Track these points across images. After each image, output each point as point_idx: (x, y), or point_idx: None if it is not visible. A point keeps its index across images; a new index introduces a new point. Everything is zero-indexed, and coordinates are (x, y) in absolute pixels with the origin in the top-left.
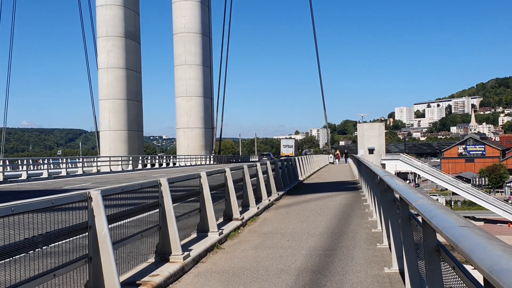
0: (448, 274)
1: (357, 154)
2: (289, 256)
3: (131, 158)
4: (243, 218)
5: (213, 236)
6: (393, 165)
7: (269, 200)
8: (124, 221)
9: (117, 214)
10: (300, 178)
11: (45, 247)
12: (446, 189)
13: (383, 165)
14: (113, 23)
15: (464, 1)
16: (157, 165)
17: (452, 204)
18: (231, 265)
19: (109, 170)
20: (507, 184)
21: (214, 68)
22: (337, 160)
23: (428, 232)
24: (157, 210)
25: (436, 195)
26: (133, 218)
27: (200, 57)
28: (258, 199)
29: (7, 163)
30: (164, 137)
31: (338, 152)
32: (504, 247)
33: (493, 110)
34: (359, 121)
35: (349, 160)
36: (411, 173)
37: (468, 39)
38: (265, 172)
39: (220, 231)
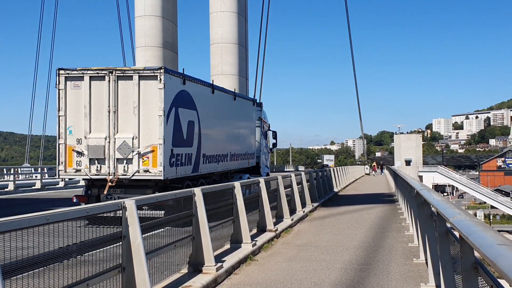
0: None
1: (393, 165)
2: (323, 270)
3: None
4: (276, 229)
5: (246, 248)
6: (430, 177)
7: (304, 211)
8: (157, 231)
9: (151, 224)
10: (335, 190)
11: (79, 256)
12: (485, 203)
13: (420, 177)
14: (152, 33)
15: (502, 12)
16: None
17: (491, 218)
18: (264, 278)
19: None
20: None
21: (250, 78)
22: (373, 171)
23: (465, 249)
24: (191, 220)
25: (468, 209)
26: (166, 228)
27: (237, 67)
28: (292, 211)
29: (45, 171)
30: None
31: (374, 163)
32: None
33: None
34: (396, 132)
35: (385, 171)
36: (449, 185)
37: (509, 49)
38: (299, 183)
39: (254, 242)
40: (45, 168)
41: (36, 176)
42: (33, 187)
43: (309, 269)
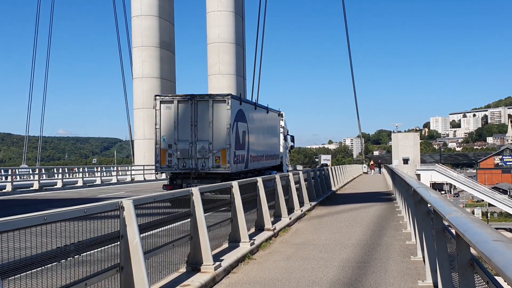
0: None
1: (391, 164)
2: (321, 268)
3: None
4: (275, 228)
5: (244, 247)
6: (428, 176)
7: (302, 210)
8: (155, 230)
9: (149, 223)
10: (333, 188)
11: (77, 256)
12: (483, 200)
13: (418, 176)
14: (148, 33)
15: (498, 10)
16: None
17: (489, 215)
18: (263, 276)
19: (143, 179)
20: None
21: (248, 78)
22: (371, 170)
23: (461, 246)
24: (189, 219)
25: (466, 207)
26: (164, 228)
27: (234, 66)
28: (291, 210)
29: (43, 172)
30: None
31: (372, 162)
32: None
33: None
34: (393, 131)
35: (383, 170)
36: (447, 183)
37: (505, 48)
38: (297, 182)
39: (252, 241)
40: (43, 169)
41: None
42: (30, 188)
43: (307, 267)
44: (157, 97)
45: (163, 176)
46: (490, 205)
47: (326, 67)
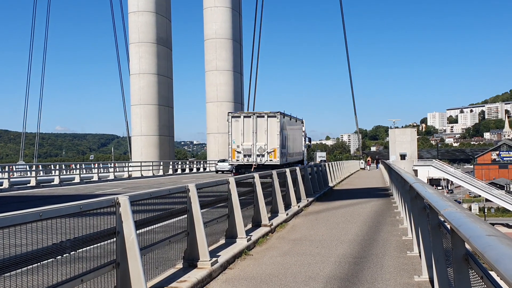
0: (477, 284)
1: (388, 160)
2: (318, 264)
3: (161, 163)
4: (271, 224)
5: (241, 242)
6: (425, 171)
7: (299, 206)
8: (152, 226)
9: (145, 219)
10: (330, 184)
11: (73, 252)
12: (480, 196)
13: (415, 171)
14: (145, 29)
15: (495, 6)
16: (187, 170)
17: (486, 211)
18: (259, 272)
19: (140, 175)
20: None
21: (245, 73)
22: (368, 166)
23: (456, 241)
24: (185, 215)
25: (463, 202)
26: (161, 224)
27: (231, 62)
28: (287, 205)
29: (40, 168)
30: (195, 142)
31: (369, 158)
32: None
33: None
34: (390, 127)
35: (380, 166)
36: (444, 179)
37: (502, 44)
38: (294, 178)
39: (249, 237)
40: (40, 166)
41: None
42: (28, 185)
43: (303, 263)
44: (229, 113)
45: (160, 173)
46: (487, 200)
47: (324, 63)
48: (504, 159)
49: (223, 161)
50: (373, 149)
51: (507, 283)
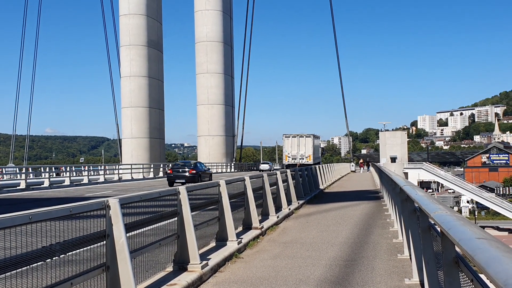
0: (467, 286)
1: (379, 162)
2: (309, 266)
3: (152, 166)
4: (262, 227)
5: (232, 245)
6: (416, 174)
7: (289, 209)
8: (142, 229)
9: (136, 222)
10: (321, 187)
11: (63, 255)
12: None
13: (406, 174)
14: (136, 32)
15: (485, 10)
16: None
17: (476, 213)
18: (250, 275)
19: (130, 178)
20: None
21: (236, 76)
22: (361, 168)
23: (446, 244)
24: (176, 218)
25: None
26: (151, 227)
27: (222, 65)
28: (278, 208)
29: (30, 171)
30: (185, 144)
31: (361, 160)
32: None
33: None
34: (381, 130)
35: (371, 168)
36: (434, 182)
37: (492, 47)
38: (285, 180)
39: (239, 240)
40: (30, 168)
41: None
42: (17, 187)
43: (294, 266)
44: (284, 135)
45: (151, 175)
46: (477, 203)
47: (314, 66)
48: (494, 162)
49: (265, 163)
50: (363, 151)
51: (496, 286)
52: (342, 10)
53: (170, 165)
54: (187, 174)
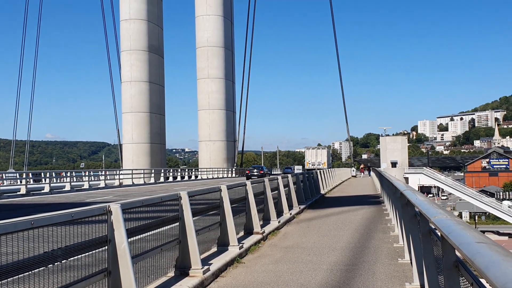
0: None
1: (379, 167)
2: (310, 271)
3: (153, 171)
4: (263, 232)
5: (233, 250)
6: (416, 179)
7: (290, 213)
8: (144, 234)
9: (137, 227)
10: (322, 192)
11: (65, 260)
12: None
13: (406, 179)
14: (137, 37)
15: (485, 15)
16: (179, 178)
17: (476, 218)
18: (251, 280)
19: (131, 183)
20: None
21: (237, 81)
22: (362, 173)
23: (446, 248)
24: (177, 223)
25: (454, 210)
26: (153, 232)
27: (223, 70)
28: (279, 213)
29: (31, 176)
30: (186, 149)
31: (362, 165)
32: None
33: None
34: (381, 134)
35: (372, 173)
36: (435, 187)
37: (492, 52)
38: (286, 185)
39: (241, 245)
40: (30, 173)
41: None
42: (18, 193)
43: (295, 270)
44: (306, 147)
45: (152, 180)
46: (477, 208)
47: (315, 70)
48: (494, 166)
49: (300, 167)
50: (364, 156)
51: None
52: (342, 15)
53: (248, 168)
54: (257, 173)
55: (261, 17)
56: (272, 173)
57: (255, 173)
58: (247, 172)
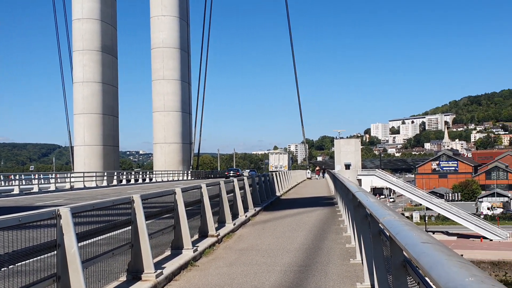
0: None
1: (334, 169)
2: (264, 273)
3: (105, 174)
4: (218, 234)
5: (187, 253)
6: (369, 181)
7: (246, 216)
8: (95, 238)
9: (88, 231)
10: (278, 194)
11: (12, 266)
12: (421, 205)
13: (359, 181)
14: (90, 37)
15: (436, 19)
16: (133, 181)
17: (426, 219)
18: (205, 283)
19: (83, 186)
20: (479, 199)
21: (193, 83)
22: (317, 175)
23: (394, 248)
24: (130, 227)
25: (405, 211)
26: (104, 236)
27: (178, 72)
28: (235, 215)
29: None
30: (141, 152)
31: (318, 167)
32: (462, 263)
33: (465, 127)
34: (336, 137)
35: (326, 175)
36: (387, 188)
37: (441, 57)
38: (242, 187)
39: (195, 248)
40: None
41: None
42: None
43: (249, 272)
44: (270, 152)
45: (104, 183)
46: (427, 209)
47: (272, 74)
48: (444, 168)
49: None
50: (319, 158)
51: None
52: (299, 17)
53: (227, 170)
54: (233, 174)
55: (217, 19)
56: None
57: (231, 175)
58: (226, 173)
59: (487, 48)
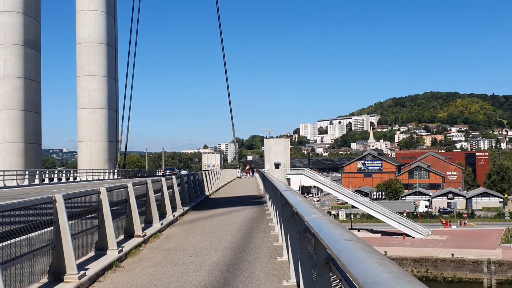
0: (337, 286)
1: (264, 168)
2: (191, 273)
3: (27, 173)
4: (145, 234)
5: (112, 254)
6: (297, 180)
7: (174, 215)
8: (15, 239)
9: (7, 232)
10: (207, 193)
11: None
12: (347, 203)
13: (288, 180)
14: (11, 30)
15: (360, 24)
16: (56, 180)
17: (352, 217)
18: (130, 284)
19: (3, 185)
20: (402, 198)
21: (120, 80)
22: (247, 174)
23: (318, 246)
24: (52, 227)
25: (332, 209)
26: (25, 237)
27: (105, 68)
28: (162, 215)
29: None
30: (64, 150)
31: (248, 166)
32: (380, 260)
33: (389, 127)
34: (266, 136)
35: (256, 174)
36: (315, 187)
37: (368, 60)
38: (170, 187)
39: (120, 248)
40: None
41: None
42: None
43: (176, 272)
44: (202, 152)
45: (26, 182)
46: (353, 207)
47: (202, 73)
48: (369, 168)
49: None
50: (249, 158)
51: (358, 285)
52: (230, 16)
53: (163, 169)
54: (169, 173)
55: (147, 17)
56: (156, 174)
57: (168, 174)
58: (163, 172)
59: (411, 51)
